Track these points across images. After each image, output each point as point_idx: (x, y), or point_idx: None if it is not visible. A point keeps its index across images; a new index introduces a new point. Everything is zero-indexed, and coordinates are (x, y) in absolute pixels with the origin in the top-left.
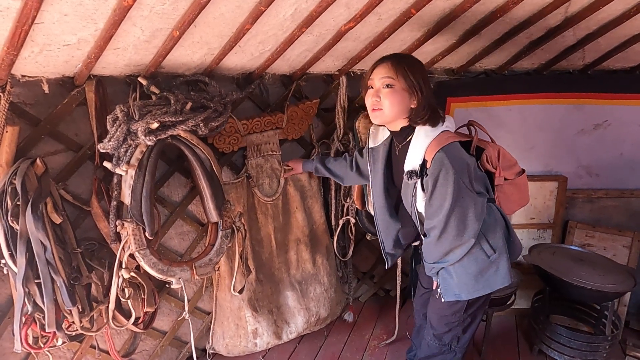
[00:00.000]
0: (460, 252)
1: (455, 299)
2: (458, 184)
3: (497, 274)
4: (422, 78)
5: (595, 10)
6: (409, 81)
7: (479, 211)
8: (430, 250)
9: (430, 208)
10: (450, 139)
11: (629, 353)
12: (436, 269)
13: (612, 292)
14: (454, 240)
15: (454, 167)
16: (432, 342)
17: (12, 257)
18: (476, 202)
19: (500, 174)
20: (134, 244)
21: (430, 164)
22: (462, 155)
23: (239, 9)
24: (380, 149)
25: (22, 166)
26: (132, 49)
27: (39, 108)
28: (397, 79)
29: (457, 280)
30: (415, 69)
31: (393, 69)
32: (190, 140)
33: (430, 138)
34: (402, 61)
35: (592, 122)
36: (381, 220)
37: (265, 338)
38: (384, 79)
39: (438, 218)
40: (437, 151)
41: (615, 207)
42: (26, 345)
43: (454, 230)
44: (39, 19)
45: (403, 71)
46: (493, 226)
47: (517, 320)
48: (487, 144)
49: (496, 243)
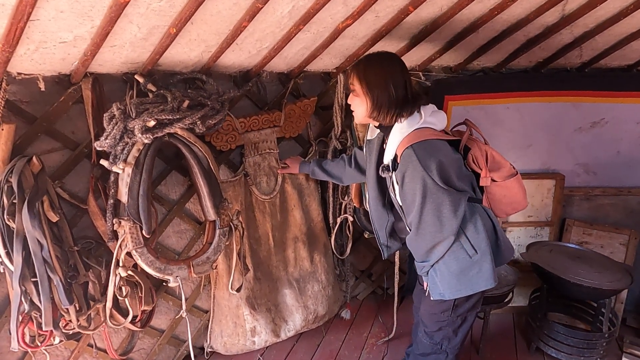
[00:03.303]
0: (441, 249)
1: (439, 297)
2: (425, 181)
3: (479, 275)
4: (376, 81)
5: (592, 8)
6: (363, 85)
7: (456, 208)
8: (414, 247)
9: (405, 203)
10: (424, 137)
11: (626, 350)
12: (426, 268)
13: (609, 290)
14: (432, 237)
15: (422, 164)
16: (425, 340)
17: (9, 255)
18: (452, 198)
19: (487, 174)
20: (131, 242)
21: (399, 160)
22: (434, 153)
23: (236, 6)
24: (375, 141)
25: (19, 164)
26: (128, 47)
27: (35, 106)
28: (354, 84)
29: (441, 279)
30: (371, 72)
31: (351, 74)
32: (187, 138)
33: (403, 135)
34: (361, 66)
35: (590, 120)
36: (374, 211)
37: (263, 336)
38: (349, 85)
39: (413, 213)
40: (405, 148)
41: (613, 205)
42: (23, 344)
43: (430, 226)
44: (35, 16)
45: (358, 76)
46: (475, 226)
47: (515, 318)
48: (474, 144)
49: (478, 243)
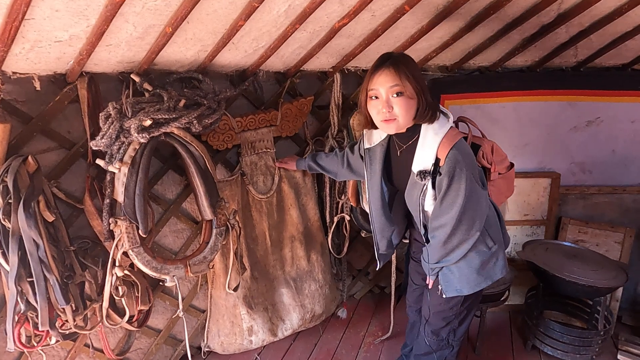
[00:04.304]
0: (465, 247)
1: (457, 294)
2: (471, 180)
3: (496, 265)
4: (421, 77)
5: (587, 7)
6: (414, 84)
7: (485, 205)
8: (437, 250)
9: (441, 206)
10: (457, 136)
11: (621, 348)
12: (438, 268)
13: (604, 288)
14: (462, 236)
15: (466, 164)
16: (430, 339)
17: (4, 255)
18: (484, 196)
19: (495, 169)
20: (127, 241)
21: (443, 162)
22: (470, 151)
23: (232, 5)
24: (377, 149)
25: (14, 164)
26: (124, 46)
27: (31, 105)
28: (403, 85)
29: (459, 276)
30: (414, 70)
31: (397, 75)
32: (183, 137)
33: (440, 136)
34: (402, 64)
35: (585, 119)
36: (377, 222)
37: (260, 335)
38: (393, 88)
39: (449, 215)
40: (450, 149)
41: (608, 204)
42: (19, 344)
43: (464, 226)
44: (30, 15)
45: (406, 75)
46: (492, 219)
47: (511, 316)
48: (482, 141)
49: (496, 235)
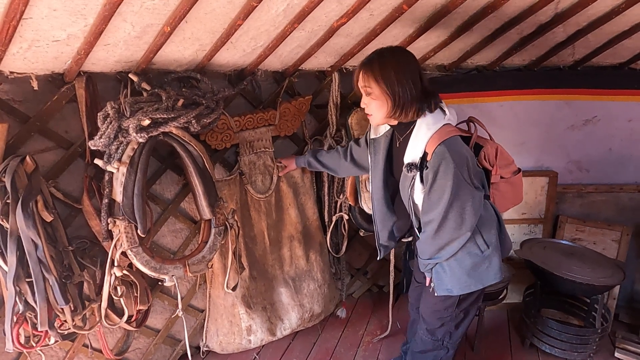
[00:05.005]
0: (456, 245)
1: (446, 293)
2: (457, 177)
3: (489, 269)
4: (396, 78)
5: (584, 6)
6: (382, 86)
7: (477, 205)
8: (427, 245)
9: (429, 201)
10: (451, 133)
11: (618, 345)
12: (431, 265)
13: (601, 286)
14: (451, 234)
15: (455, 161)
16: (425, 337)
17: (2, 255)
18: (474, 196)
19: (497, 171)
20: (126, 241)
21: (430, 157)
22: (462, 150)
23: (231, 4)
24: (381, 140)
25: (12, 164)
26: (122, 45)
27: (28, 105)
28: (372, 87)
29: (450, 275)
30: (385, 71)
31: (366, 77)
32: (182, 137)
33: (432, 131)
34: (373, 66)
35: (582, 117)
36: (378, 211)
37: (259, 335)
38: (363, 88)
39: (437, 211)
40: (438, 144)
41: (605, 202)
42: (18, 345)
43: (452, 223)
44: (28, 14)
45: (374, 78)
46: (488, 222)
47: (509, 314)
48: (486, 142)
49: (490, 239)
